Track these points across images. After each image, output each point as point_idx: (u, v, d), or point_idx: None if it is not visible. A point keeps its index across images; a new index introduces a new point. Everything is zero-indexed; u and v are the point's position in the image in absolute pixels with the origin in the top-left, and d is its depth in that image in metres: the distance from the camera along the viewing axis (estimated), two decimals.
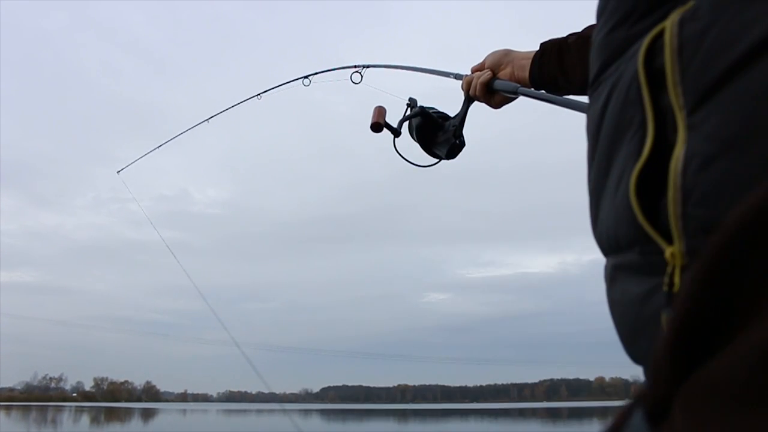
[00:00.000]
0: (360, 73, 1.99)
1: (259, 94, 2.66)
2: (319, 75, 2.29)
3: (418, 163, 1.66)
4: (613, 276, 0.56)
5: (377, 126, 1.61)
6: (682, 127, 0.44)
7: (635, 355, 0.55)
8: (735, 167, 0.40)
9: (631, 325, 0.52)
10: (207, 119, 3.02)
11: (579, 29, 1.32)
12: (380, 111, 1.64)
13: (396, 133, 1.63)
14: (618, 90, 0.53)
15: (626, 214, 0.49)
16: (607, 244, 0.56)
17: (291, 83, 2.43)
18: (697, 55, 0.44)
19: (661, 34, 0.47)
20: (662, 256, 0.46)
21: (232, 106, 2.78)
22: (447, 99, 1.62)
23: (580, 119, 0.64)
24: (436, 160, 1.65)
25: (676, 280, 0.44)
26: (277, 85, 2.52)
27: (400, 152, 1.64)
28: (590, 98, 0.61)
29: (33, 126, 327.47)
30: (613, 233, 0.53)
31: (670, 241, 0.45)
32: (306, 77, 2.33)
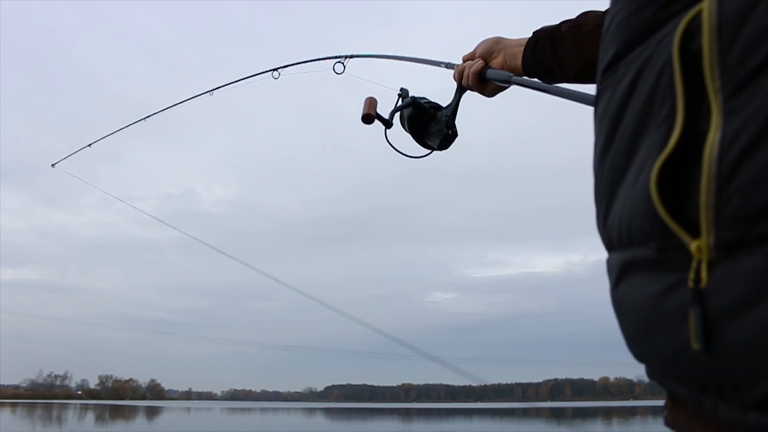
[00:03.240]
0: (342, 63, 1.92)
1: (211, 91, 2.49)
2: (292, 67, 2.12)
3: (410, 154, 1.63)
4: (622, 272, 0.54)
5: (368, 117, 1.56)
6: (717, 112, 0.42)
7: (642, 354, 0.53)
8: None
9: (642, 323, 0.50)
10: (142, 119, 2.86)
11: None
12: (371, 102, 1.58)
13: (387, 124, 1.58)
14: (646, 76, 0.50)
15: (644, 207, 0.47)
16: (617, 239, 0.53)
17: (257, 76, 2.23)
18: (740, 34, 0.41)
19: (698, 16, 0.44)
20: (682, 251, 0.44)
21: (181, 102, 2.55)
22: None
23: (587, 119, 0.61)
24: (428, 151, 1.61)
25: (703, 275, 0.42)
26: (238, 79, 2.31)
27: (391, 143, 1.60)
28: (604, 84, 0.58)
29: (41, 124, 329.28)
30: (626, 227, 0.51)
31: (693, 235, 0.43)
32: (275, 69, 2.16)
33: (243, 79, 2.26)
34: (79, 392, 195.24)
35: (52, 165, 3.35)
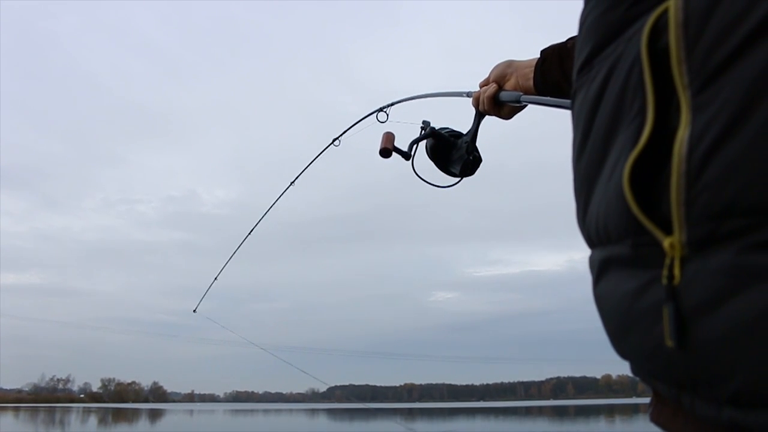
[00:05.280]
0: (386, 112, 2.00)
1: (293, 182, 2.74)
2: (348, 131, 2.35)
3: (439, 184, 1.68)
4: (601, 269, 0.54)
5: (386, 152, 1.62)
6: (686, 108, 0.42)
7: (623, 351, 0.53)
8: (748, 149, 0.38)
9: (622, 320, 0.51)
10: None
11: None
12: (388, 137, 1.64)
13: (406, 156, 1.64)
14: (617, 73, 0.50)
15: (618, 205, 0.48)
16: (595, 236, 0.54)
17: (323, 153, 2.50)
18: (705, 29, 0.41)
19: (665, 13, 0.44)
20: (657, 248, 0.44)
21: (312, 161, 2.73)
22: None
23: None
24: (457, 180, 1.66)
25: (677, 272, 0.43)
26: (309, 163, 2.63)
27: (419, 174, 1.65)
28: (579, 82, 0.59)
29: (43, 128, 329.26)
30: (603, 224, 0.51)
31: (667, 231, 0.43)
32: (336, 139, 2.39)
33: (312, 161, 2.61)
34: (82, 396, 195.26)
35: (194, 311, 3.63)
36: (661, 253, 0.44)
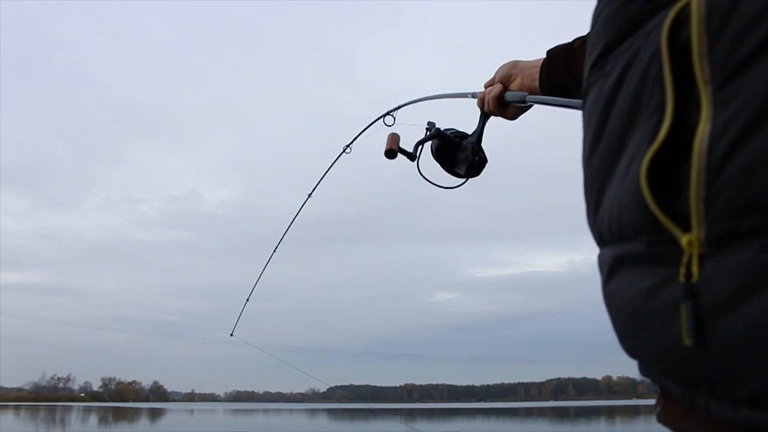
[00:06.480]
0: (392, 115, 2.00)
1: (310, 194, 2.78)
2: (358, 137, 2.39)
3: (445, 185, 1.67)
4: (613, 267, 0.53)
5: (391, 152, 1.62)
6: (707, 104, 0.41)
7: (634, 350, 0.53)
8: None
9: (634, 318, 0.50)
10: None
11: (584, 31, 1.28)
12: (393, 138, 1.65)
13: (411, 157, 1.64)
14: (634, 68, 0.50)
15: (634, 201, 0.47)
16: (607, 234, 0.53)
17: (337, 161, 2.55)
18: (729, 24, 0.41)
19: (686, 7, 0.44)
20: (673, 245, 0.44)
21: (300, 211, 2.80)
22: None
23: None
24: (462, 180, 1.65)
25: (694, 269, 0.42)
26: (324, 173, 2.69)
27: (424, 175, 1.65)
28: (592, 78, 0.58)
29: (45, 127, 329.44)
30: (617, 221, 0.50)
31: (684, 229, 0.43)
32: (348, 146, 2.42)
33: (327, 170, 2.66)
34: (82, 395, 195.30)
35: (231, 335, 3.62)
36: (677, 251, 0.43)
